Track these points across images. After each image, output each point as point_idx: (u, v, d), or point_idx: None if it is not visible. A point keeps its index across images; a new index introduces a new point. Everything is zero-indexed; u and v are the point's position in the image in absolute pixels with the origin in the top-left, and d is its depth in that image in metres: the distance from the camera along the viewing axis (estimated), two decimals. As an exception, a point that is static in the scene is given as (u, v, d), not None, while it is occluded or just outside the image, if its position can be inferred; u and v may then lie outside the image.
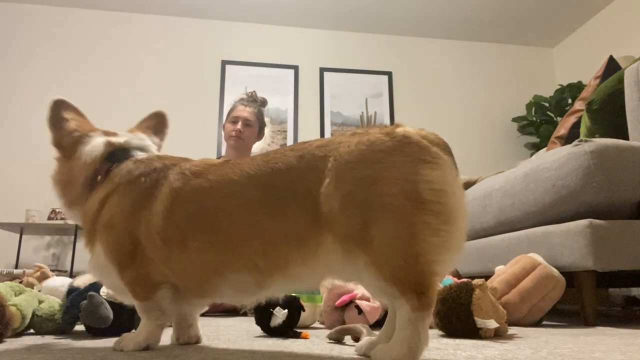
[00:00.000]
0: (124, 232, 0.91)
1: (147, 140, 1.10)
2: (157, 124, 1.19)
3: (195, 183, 0.89)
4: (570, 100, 4.33)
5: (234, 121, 2.52)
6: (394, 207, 0.72)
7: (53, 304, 1.19)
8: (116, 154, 1.02)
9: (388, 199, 0.72)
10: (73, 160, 1.02)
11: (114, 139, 1.04)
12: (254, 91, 2.66)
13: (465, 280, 1.27)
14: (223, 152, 3.87)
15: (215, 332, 1.27)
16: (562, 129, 2.39)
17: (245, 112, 2.53)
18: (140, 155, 1.02)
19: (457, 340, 1.09)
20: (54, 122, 1.08)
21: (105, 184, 0.97)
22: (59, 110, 1.09)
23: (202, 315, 1.28)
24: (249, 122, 2.52)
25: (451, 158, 0.79)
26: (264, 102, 2.66)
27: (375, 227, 0.72)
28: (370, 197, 0.73)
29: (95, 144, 1.03)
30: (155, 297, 0.91)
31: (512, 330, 1.35)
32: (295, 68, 4.76)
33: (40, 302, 1.19)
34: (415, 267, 0.71)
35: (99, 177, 0.99)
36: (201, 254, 0.85)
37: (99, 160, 1.00)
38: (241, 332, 1.28)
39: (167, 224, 0.88)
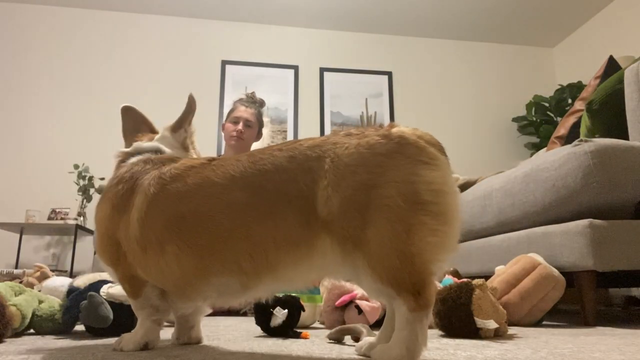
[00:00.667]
0: (105, 235, 0.93)
1: (156, 142, 1.09)
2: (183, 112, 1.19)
3: (171, 187, 0.88)
4: (570, 100, 4.33)
5: (235, 122, 2.55)
6: (393, 209, 0.71)
7: (53, 304, 1.19)
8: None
9: (387, 201, 0.72)
10: None
11: (126, 149, 1.07)
12: (253, 92, 2.71)
13: (465, 280, 1.27)
14: (222, 152, 3.87)
15: (215, 332, 1.27)
16: (562, 129, 2.39)
17: (246, 112, 2.56)
18: (132, 160, 1.01)
19: (457, 340, 1.09)
20: (124, 131, 1.13)
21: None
22: (126, 119, 1.13)
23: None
24: (250, 123, 2.55)
25: (446, 158, 0.79)
26: (262, 103, 2.72)
27: (373, 229, 0.72)
28: (370, 200, 0.73)
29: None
30: (143, 294, 0.92)
31: (512, 330, 1.35)
32: (295, 68, 4.76)
33: (40, 302, 1.19)
34: (412, 267, 0.71)
35: None
36: (180, 258, 0.84)
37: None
38: (241, 332, 1.28)
39: (144, 231, 0.87)
